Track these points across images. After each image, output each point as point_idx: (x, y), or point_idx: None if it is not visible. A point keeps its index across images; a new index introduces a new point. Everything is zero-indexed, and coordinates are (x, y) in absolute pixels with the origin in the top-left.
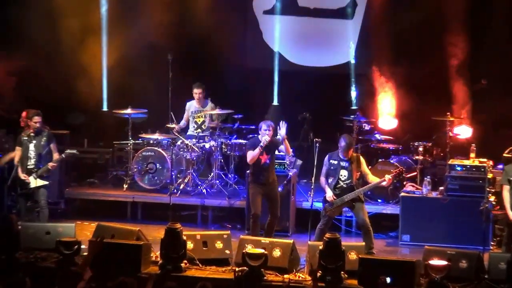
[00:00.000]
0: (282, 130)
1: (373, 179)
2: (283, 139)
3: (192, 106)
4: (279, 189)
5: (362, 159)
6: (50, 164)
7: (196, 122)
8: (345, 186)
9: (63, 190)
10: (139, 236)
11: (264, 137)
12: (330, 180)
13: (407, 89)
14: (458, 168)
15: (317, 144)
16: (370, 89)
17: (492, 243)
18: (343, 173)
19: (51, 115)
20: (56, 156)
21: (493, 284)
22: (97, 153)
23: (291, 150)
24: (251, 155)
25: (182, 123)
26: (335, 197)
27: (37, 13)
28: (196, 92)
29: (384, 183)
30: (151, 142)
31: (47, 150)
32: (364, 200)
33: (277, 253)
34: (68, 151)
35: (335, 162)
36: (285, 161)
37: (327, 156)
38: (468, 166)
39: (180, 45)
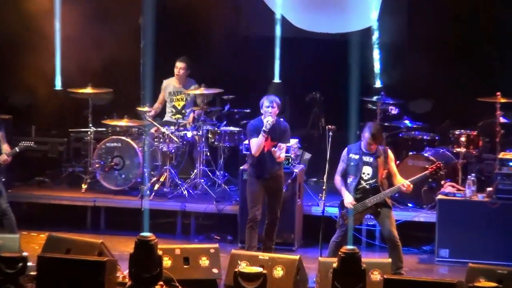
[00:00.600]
0: (278, 153)
1: (401, 181)
2: (278, 148)
3: (170, 85)
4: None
5: (390, 154)
6: (2, 159)
7: (175, 106)
8: (368, 187)
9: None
10: (102, 251)
11: (267, 118)
12: (349, 180)
13: (446, 62)
14: (511, 164)
15: (330, 133)
16: (398, 62)
17: None
18: (367, 171)
19: None
20: (6, 147)
21: None
22: (48, 144)
23: (283, 156)
24: (255, 144)
25: (157, 106)
26: (355, 202)
27: None
28: (178, 66)
29: (403, 190)
30: (118, 130)
31: None
32: (392, 205)
33: (279, 272)
34: (24, 143)
35: (356, 157)
36: (289, 155)
37: (346, 149)
38: None
39: (156, 8)
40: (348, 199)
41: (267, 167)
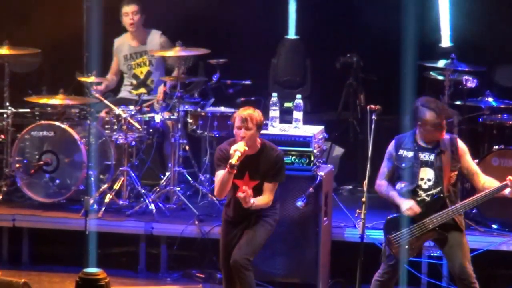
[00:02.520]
0: (247, 201)
1: (487, 183)
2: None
3: (124, 45)
4: (298, 204)
5: (461, 145)
6: None
7: (135, 76)
8: (429, 199)
9: None
10: None
11: (237, 145)
12: (400, 186)
13: None
14: None
15: (374, 116)
16: (477, 10)
17: None
18: (427, 175)
19: None
20: None
21: None
22: None
23: (269, 200)
24: (218, 181)
25: (110, 78)
26: (418, 208)
27: None
28: (127, 11)
29: (508, 191)
30: (49, 112)
31: None
32: (465, 227)
33: None
34: None
35: (410, 154)
36: (310, 150)
37: (393, 142)
38: None
39: None
40: (408, 203)
41: (244, 214)
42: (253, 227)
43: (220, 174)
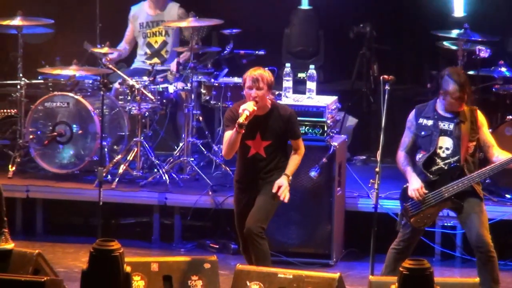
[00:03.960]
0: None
1: (501, 155)
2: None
3: (141, 12)
4: (312, 174)
5: (481, 117)
6: None
7: (150, 45)
8: (446, 168)
9: None
10: (40, 266)
11: (246, 104)
12: (418, 157)
13: None
14: None
15: (387, 87)
16: None
17: None
18: (445, 143)
19: None
20: None
21: None
22: None
23: (302, 152)
24: (226, 141)
25: (122, 46)
26: (425, 190)
27: None
28: None
29: None
30: (63, 83)
31: None
32: (483, 197)
33: None
34: None
35: (430, 123)
36: (323, 120)
37: (414, 111)
38: None
39: None
40: (415, 185)
41: (252, 172)
42: (263, 192)
43: (228, 134)
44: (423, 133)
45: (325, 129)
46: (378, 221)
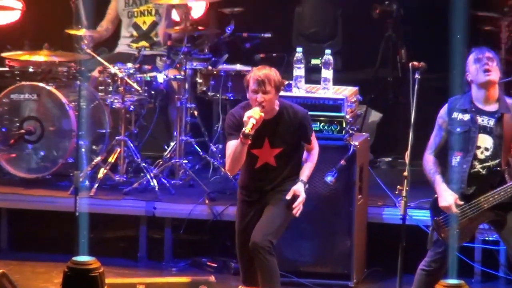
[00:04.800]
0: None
1: None
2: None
3: None
4: (328, 179)
5: None
6: None
7: (136, 25)
8: (485, 173)
9: None
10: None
11: (252, 111)
12: (454, 161)
13: None
14: None
15: (417, 75)
16: None
17: None
18: (484, 143)
19: None
20: None
21: None
22: None
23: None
24: (230, 153)
25: (104, 26)
26: (460, 201)
27: None
28: None
29: None
30: (31, 71)
31: None
32: None
33: None
34: None
35: (466, 118)
36: (341, 115)
37: (446, 105)
38: None
39: None
40: (446, 197)
41: (263, 189)
42: (274, 204)
43: (231, 144)
44: (458, 129)
45: (344, 125)
46: (406, 235)
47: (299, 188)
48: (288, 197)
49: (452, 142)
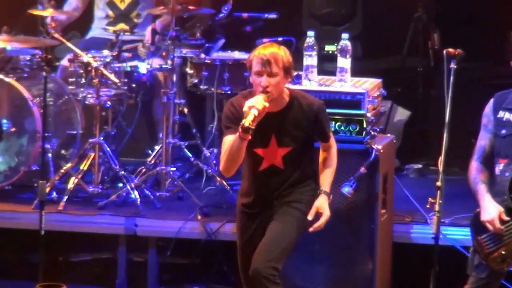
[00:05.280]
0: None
1: None
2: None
3: None
4: (346, 190)
5: None
6: None
7: (112, 4)
8: None
9: None
10: None
11: (253, 99)
12: (498, 169)
13: None
14: None
15: (453, 65)
16: None
17: None
18: None
19: None
20: None
21: None
22: None
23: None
24: (226, 150)
25: (73, 4)
26: (507, 217)
27: None
28: None
29: None
30: None
31: None
32: None
33: None
34: None
35: None
36: (361, 113)
37: (491, 102)
38: None
39: None
40: (489, 209)
41: (268, 197)
42: (279, 219)
43: (228, 140)
44: (503, 131)
45: (364, 125)
46: (440, 257)
47: (322, 205)
48: (310, 217)
49: (496, 146)
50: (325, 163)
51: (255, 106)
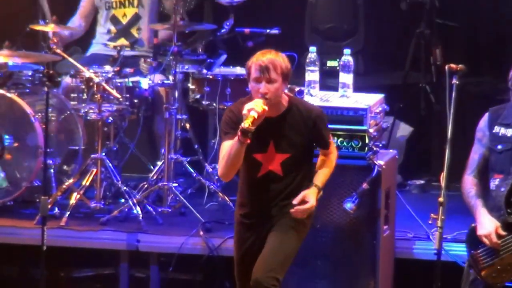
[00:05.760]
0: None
1: None
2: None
3: None
4: (348, 206)
5: None
6: None
7: (115, 19)
8: None
9: None
10: None
11: (252, 103)
12: (493, 184)
13: None
14: None
15: (456, 80)
16: None
17: None
18: None
19: None
20: None
21: None
22: None
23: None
24: (225, 155)
25: (76, 22)
26: (502, 231)
27: None
28: None
29: None
30: None
31: None
32: None
33: None
34: None
35: (509, 133)
36: (363, 128)
37: (486, 116)
38: None
39: None
40: (485, 223)
41: (266, 206)
42: (279, 230)
43: (227, 144)
44: (499, 147)
45: (367, 141)
46: (442, 273)
47: (310, 194)
48: (295, 201)
49: (492, 161)
50: (322, 164)
51: (254, 108)
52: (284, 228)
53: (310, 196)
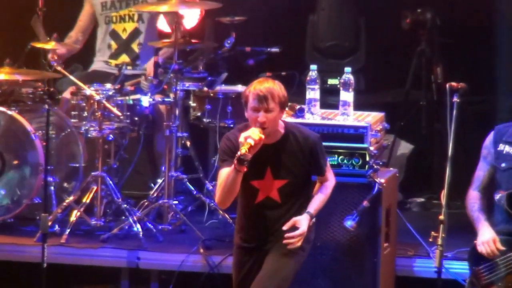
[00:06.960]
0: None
1: None
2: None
3: None
4: (348, 224)
5: None
6: None
7: (114, 34)
8: None
9: None
10: None
11: (249, 131)
12: (497, 198)
13: None
14: None
15: (456, 98)
16: None
17: None
18: None
19: None
20: None
21: None
22: None
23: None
24: (222, 181)
25: (73, 37)
26: (502, 247)
27: None
28: None
29: None
30: None
31: None
32: None
33: None
34: None
35: None
36: (364, 146)
37: (492, 134)
38: None
39: None
40: (486, 236)
41: (264, 232)
42: (277, 252)
43: (225, 172)
44: (503, 164)
45: (367, 159)
46: None
47: (301, 219)
48: (285, 227)
49: (497, 179)
50: (318, 191)
51: (251, 136)
52: (281, 251)
53: (301, 222)
